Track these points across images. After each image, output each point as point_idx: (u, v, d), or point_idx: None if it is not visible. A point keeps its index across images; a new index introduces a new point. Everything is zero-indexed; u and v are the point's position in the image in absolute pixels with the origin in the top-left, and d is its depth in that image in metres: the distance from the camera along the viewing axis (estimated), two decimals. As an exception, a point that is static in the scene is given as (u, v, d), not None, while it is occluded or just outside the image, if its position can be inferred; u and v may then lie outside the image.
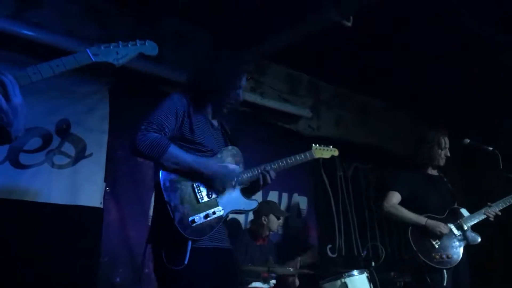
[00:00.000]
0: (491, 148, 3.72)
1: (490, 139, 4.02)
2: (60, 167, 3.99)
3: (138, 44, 1.99)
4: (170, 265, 2.20)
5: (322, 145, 3.04)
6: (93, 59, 1.82)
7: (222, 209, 2.39)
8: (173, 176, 2.31)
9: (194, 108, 2.49)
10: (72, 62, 1.77)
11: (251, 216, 4.91)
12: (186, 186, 2.33)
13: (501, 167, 3.62)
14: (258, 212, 4.60)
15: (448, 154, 3.77)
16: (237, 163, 2.57)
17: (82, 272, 3.87)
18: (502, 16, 4.49)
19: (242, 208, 2.53)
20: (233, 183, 2.42)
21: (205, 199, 2.36)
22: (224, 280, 2.40)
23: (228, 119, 2.78)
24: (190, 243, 2.22)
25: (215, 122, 2.65)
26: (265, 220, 4.54)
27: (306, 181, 5.87)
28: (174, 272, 2.20)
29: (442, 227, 3.47)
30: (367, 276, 3.93)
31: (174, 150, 2.30)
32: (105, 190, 4.14)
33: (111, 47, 1.89)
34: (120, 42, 1.92)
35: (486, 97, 6.21)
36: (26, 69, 1.68)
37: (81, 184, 4.03)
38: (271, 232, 4.65)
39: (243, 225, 5.08)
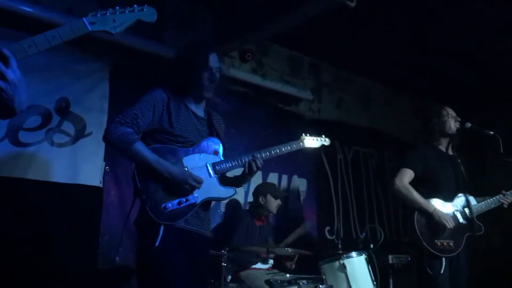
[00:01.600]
0: (492, 132, 3.66)
1: (492, 123, 3.99)
2: (60, 145, 3.98)
3: (136, 10, 1.91)
4: (144, 246, 2.38)
5: (313, 135, 3.02)
6: (90, 28, 1.76)
7: (197, 196, 2.48)
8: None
9: (175, 101, 2.57)
10: (68, 32, 1.71)
11: (250, 198, 4.93)
12: (159, 174, 2.42)
13: (502, 151, 3.58)
14: (256, 193, 4.63)
15: (459, 119, 3.68)
16: (215, 154, 2.64)
17: (82, 251, 3.90)
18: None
19: (218, 196, 2.60)
20: (188, 188, 2.46)
21: (179, 186, 2.44)
22: (194, 264, 2.47)
23: (222, 102, 2.81)
24: (162, 227, 2.35)
25: (200, 112, 2.70)
26: (262, 200, 4.55)
27: (306, 163, 5.87)
28: (146, 253, 2.38)
29: (448, 221, 3.39)
30: (366, 258, 3.95)
31: (139, 147, 2.39)
32: (105, 170, 4.14)
33: (108, 14, 1.82)
34: (117, 8, 1.86)
35: (489, 81, 6.17)
36: (21, 42, 1.63)
37: (80, 163, 4.03)
38: (270, 214, 4.66)
39: (243, 206, 5.10)
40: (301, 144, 2.93)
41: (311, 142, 2.99)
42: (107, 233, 4.07)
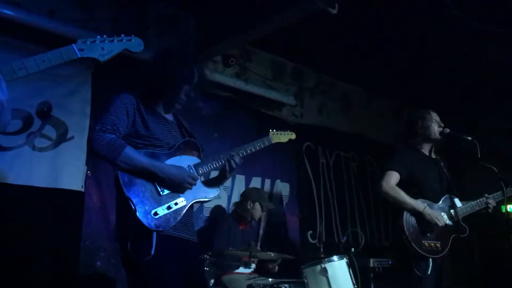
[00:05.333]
0: (470, 138, 3.73)
1: (470, 128, 4.05)
2: (41, 149, 3.96)
3: (124, 40, 2.00)
4: (138, 257, 2.26)
5: (280, 130, 3.07)
6: (79, 55, 1.85)
7: (184, 200, 2.45)
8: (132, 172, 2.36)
9: (144, 105, 2.52)
10: (58, 57, 1.80)
11: (235, 199, 4.94)
12: (146, 179, 2.37)
13: (479, 156, 3.64)
14: (246, 196, 4.63)
15: (442, 125, 3.71)
16: (193, 156, 2.62)
17: (64, 256, 3.86)
18: (485, 6, 4.54)
19: (205, 197, 2.58)
20: (187, 186, 2.44)
21: (166, 191, 2.40)
22: (187, 271, 2.44)
23: (205, 106, 2.80)
24: (155, 234, 2.28)
25: (169, 117, 2.68)
26: (250, 205, 4.56)
27: (289, 167, 5.92)
28: (142, 264, 2.26)
29: (439, 219, 3.42)
30: (347, 262, 3.98)
31: (130, 152, 2.33)
32: (87, 174, 4.12)
33: (97, 42, 1.90)
34: (105, 36, 1.94)
35: (470, 87, 6.29)
36: (12, 65, 1.69)
37: (62, 168, 4.00)
38: (253, 219, 4.68)
39: (226, 210, 5.10)
40: (271, 139, 2.96)
41: (279, 137, 3.05)
42: (89, 238, 4.04)
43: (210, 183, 2.73)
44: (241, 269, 4.29)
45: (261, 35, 4.63)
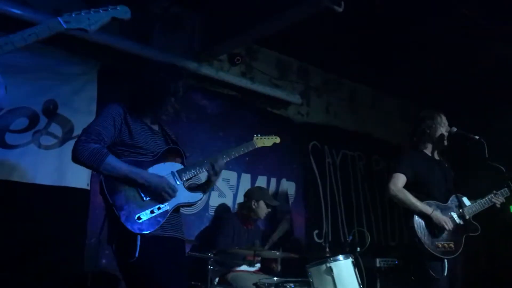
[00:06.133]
0: (477, 137, 3.70)
1: (480, 128, 4.02)
2: (47, 147, 3.97)
3: (109, 9, 2.00)
4: (123, 259, 2.40)
5: (264, 135, 3.13)
6: (65, 26, 1.86)
7: (168, 204, 2.52)
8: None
9: (131, 116, 2.61)
10: (44, 30, 1.79)
11: (240, 199, 4.94)
12: (129, 185, 2.44)
13: (487, 155, 3.62)
14: (250, 196, 4.63)
15: (449, 129, 3.70)
16: (178, 162, 2.70)
17: (69, 253, 3.87)
18: (496, 5, 4.50)
19: (187, 201, 2.65)
20: (165, 196, 2.50)
21: (149, 196, 2.48)
22: (174, 268, 2.51)
23: (210, 105, 2.85)
24: (139, 237, 2.37)
25: (155, 127, 2.76)
26: (254, 205, 4.55)
27: (295, 167, 5.90)
28: (128, 265, 2.39)
29: (447, 223, 3.41)
30: (352, 261, 3.97)
31: (111, 160, 2.42)
32: (92, 172, 4.11)
33: (82, 14, 1.91)
34: (91, 8, 1.95)
35: (477, 86, 6.23)
36: None
37: (68, 166, 4.00)
38: (259, 218, 4.67)
39: (231, 209, 5.10)
40: (255, 144, 3.05)
41: (263, 141, 3.11)
42: (94, 235, 4.04)
43: (198, 187, 2.85)
44: (246, 268, 4.29)
45: (267, 34, 4.61)
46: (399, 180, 3.56)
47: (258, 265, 4.40)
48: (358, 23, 4.91)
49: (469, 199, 3.70)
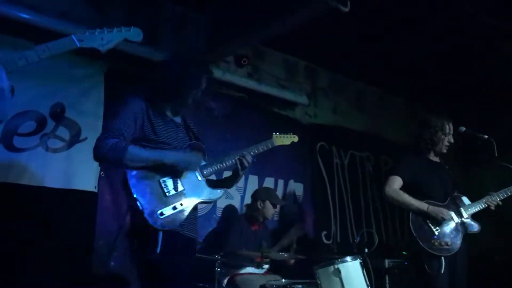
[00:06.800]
0: (486, 136, 3.70)
1: (488, 127, 4.00)
2: (55, 151, 3.99)
3: (123, 31, 2.04)
4: (144, 255, 2.40)
5: (282, 133, 3.12)
6: (78, 45, 1.89)
7: (189, 200, 2.53)
8: (138, 173, 2.44)
9: (153, 109, 2.60)
10: (57, 47, 1.84)
11: (247, 200, 4.93)
12: (153, 181, 2.46)
13: (496, 155, 3.61)
14: (255, 196, 4.62)
15: (452, 140, 3.72)
16: (200, 158, 2.69)
17: (77, 256, 3.88)
18: (503, 3, 4.46)
19: (208, 198, 2.66)
20: (195, 166, 2.56)
21: (172, 192, 2.49)
22: (189, 265, 2.56)
23: (218, 106, 2.86)
24: (161, 233, 2.37)
25: (177, 119, 2.75)
26: (260, 205, 4.55)
27: (302, 168, 5.88)
28: (149, 261, 2.39)
29: (444, 213, 3.47)
30: (360, 263, 3.94)
31: (133, 150, 2.42)
32: (100, 175, 4.14)
33: (96, 33, 1.95)
34: (105, 28, 1.98)
35: (485, 85, 6.17)
36: (12, 54, 1.72)
37: (75, 168, 4.03)
38: (266, 219, 4.66)
39: (239, 210, 5.09)
40: (274, 142, 3.03)
41: (282, 139, 3.11)
42: (102, 237, 4.06)
43: (220, 183, 2.83)
44: (254, 270, 4.28)
45: (273, 35, 4.60)
46: (395, 182, 3.63)
47: (266, 266, 4.39)
48: (365, 22, 4.88)
49: (477, 199, 3.70)
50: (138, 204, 2.36)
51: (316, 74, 6.31)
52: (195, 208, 2.60)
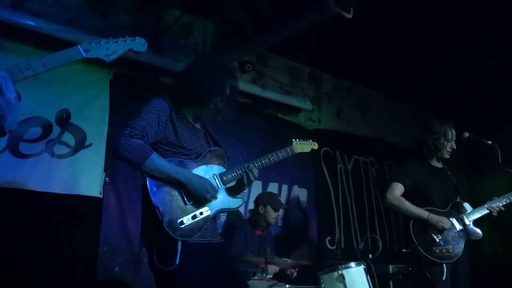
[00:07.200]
0: (490, 142, 3.70)
1: (492, 132, 4.00)
2: (60, 156, 4.01)
3: (128, 41, 2.05)
4: (162, 266, 2.31)
5: (302, 140, 3.10)
6: (84, 55, 1.89)
7: (209, 209, 2.48)
8: (159, 180, 2.39)
9: (176, 112, 2.56)
10: (63, 58, 1.85)
11: (251, 205, 4.94)
12: (173, 189, 2.40)
13: (500, 160, 3.60)
14: (257, 201, 4.63)
15: (454, 146, 3.73)
16: (219, 165, 2.64)
17: (82, 261, 3.90)
18: (506, 8, 4.46)
19: (228, 207, 2.60)
20: (208, 196, 2.45)
21: (192, 200, 2.43)
22: (218, 272, 2.48)
23: (224, 113, 2.80)
24: (180, 243, 2.32)
25: (197, 125, 2.70)
26: (262, 209, 4.55)
27: (306, 173, 5.88)
28: (166, 273, 2.30)
29: (444, 222, 3.46)
30: (364, 268, 3.94)
31: (156, 158, 2.36)
32: (105, 180, 4.16)
33: (102, 43, 1.95)
34: (110, 38, 2.00)
35: (489, 90, 6.17)
36: (19, 65, 1.73)
37: (80, 174, 4.05)
38: (269, 224, 4.66)
39: (243, 215, 5.10)
40: (294, 149, 2.99)
41: (302, 147, 3.07)
42: (107, 243, 4.07)
43: (237, 191, 2.74)
44: (258, 276, 4.27)
45: (277, 41, 4.62)
46: (396, 189, 3.64)
47: (270, 273, 4.38)
48: (368, 28, 4.90)
49: (480, 204, 3.69)
50: (158, 213, 2.30)
51: (319, 79, 6.32)
52: (214, 216, 2.55)
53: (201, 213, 2.42)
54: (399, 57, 5.59)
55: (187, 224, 2.35)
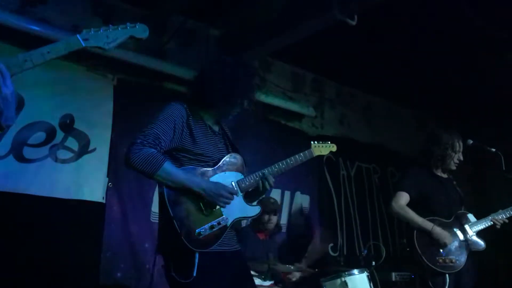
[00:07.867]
0: (494, 150, 3.68)
1: (497, 139, 3.98)
2: (63, 161, 4.02)
3: (128, 27, 1.96)
4: (179, 278, 2.23)
5: (321, 142, 2.99)
6: (83, 44, 1.81)
7: (227, 218, 2.39)
8: (176, 190, 2.31)
9: (193, 116, 2.45)
10: (63, 47, 1.77)
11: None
12: (191, 198, 2.32)
13: (504, 168, 3.59)
14: None
15: (461, 158, 3.69)
16: (238, 171, 2.53)
17: (84, 266, 3.90)
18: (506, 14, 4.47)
19: (246, 215, 2.51)
20: (222, 201, 2.36)
21: (209, 210, 2.35)
22: (237, 281, 2.39)
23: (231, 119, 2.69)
24: (197, 255, 2.24)
25: (216, 128, 2.60)
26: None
27: (309, 179, 5.87)
28: (183, 285, 2.22)
29: (447, 239, 3.43)
30: (367, 276, 3.92)
31: (168, 167, 2.27)
32: (108, 186, 4.16)
33: (101, 31, 1.87)
34: (110, 25, 1.91)
35: (494, 97, 6.16)
36: (17, 57, 1.67)
37: (84, 179, 4.07)
38: (266, 228, 4.63)
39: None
40: (313, 153, 2.88)
41: (320, 149, 2.96)
42: (110, 249, 4.07)
43: (254, 198, 2.64)
44: (259, 282, 4.26)
45: (280, 47, 4.64)
46: (402, 198, 3.60)
47: (273, 279, 4.36)
48: (372, 34, 4.90)
49: (484, 212, 3.67)
50: (175, 224, 2.23)
51: (323, 85, 6.33)
52: (232, 225, 2.44)
53: (218, 223, 2.34)
54: (402, 64, 5.59)
55: (204, 234, 2.28)
